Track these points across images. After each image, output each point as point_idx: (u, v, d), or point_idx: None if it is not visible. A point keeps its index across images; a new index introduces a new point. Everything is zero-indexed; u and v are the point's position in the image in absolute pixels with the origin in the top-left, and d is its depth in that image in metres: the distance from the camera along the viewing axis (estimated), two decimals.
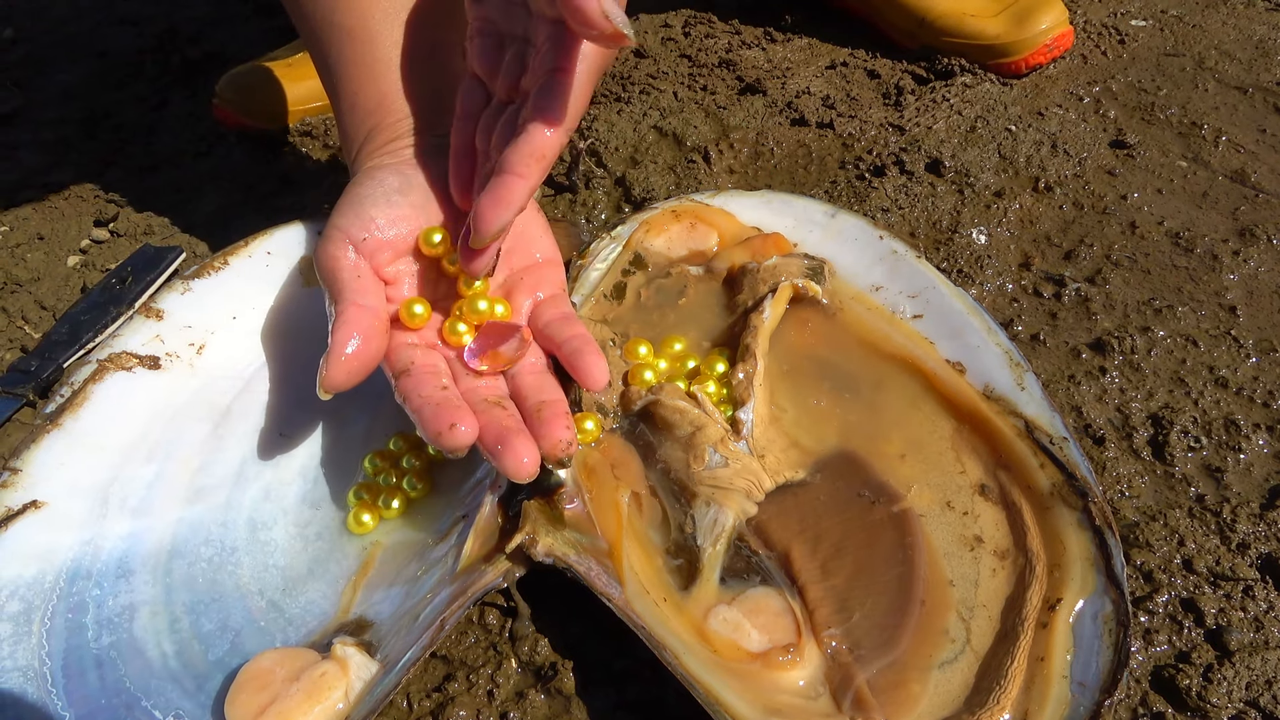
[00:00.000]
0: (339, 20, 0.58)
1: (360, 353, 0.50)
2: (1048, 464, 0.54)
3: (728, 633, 0.50)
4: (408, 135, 0.57)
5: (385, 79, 0.58)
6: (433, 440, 0.47)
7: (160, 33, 1.15)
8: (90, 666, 0.48)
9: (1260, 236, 0.77)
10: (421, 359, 0.52)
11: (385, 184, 0.55)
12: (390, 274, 0.54)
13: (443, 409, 0.48)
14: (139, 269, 0.77)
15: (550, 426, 0.48)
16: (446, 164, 0.55)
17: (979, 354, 0.60)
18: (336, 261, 0.52)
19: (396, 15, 0.58)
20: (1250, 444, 0.61)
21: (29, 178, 0.93)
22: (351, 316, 0.50)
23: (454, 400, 0.49)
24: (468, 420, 0.47)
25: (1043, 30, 0.94)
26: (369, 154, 0.57)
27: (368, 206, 0.54)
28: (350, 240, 0.53)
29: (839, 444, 0.58)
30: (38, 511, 0.51)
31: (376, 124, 0.58)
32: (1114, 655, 0.47)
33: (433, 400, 0.49)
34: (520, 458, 0.46)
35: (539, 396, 0.51)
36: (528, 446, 0.47)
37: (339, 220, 0.53)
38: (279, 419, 0.59)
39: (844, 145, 0.89)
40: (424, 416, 0.48)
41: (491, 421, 0.48)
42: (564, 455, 0.48)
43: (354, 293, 0.51)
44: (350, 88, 0.59)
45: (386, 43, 0.58)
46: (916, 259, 0.66)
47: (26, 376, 0.69)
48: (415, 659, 0.46)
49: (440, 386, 0.50)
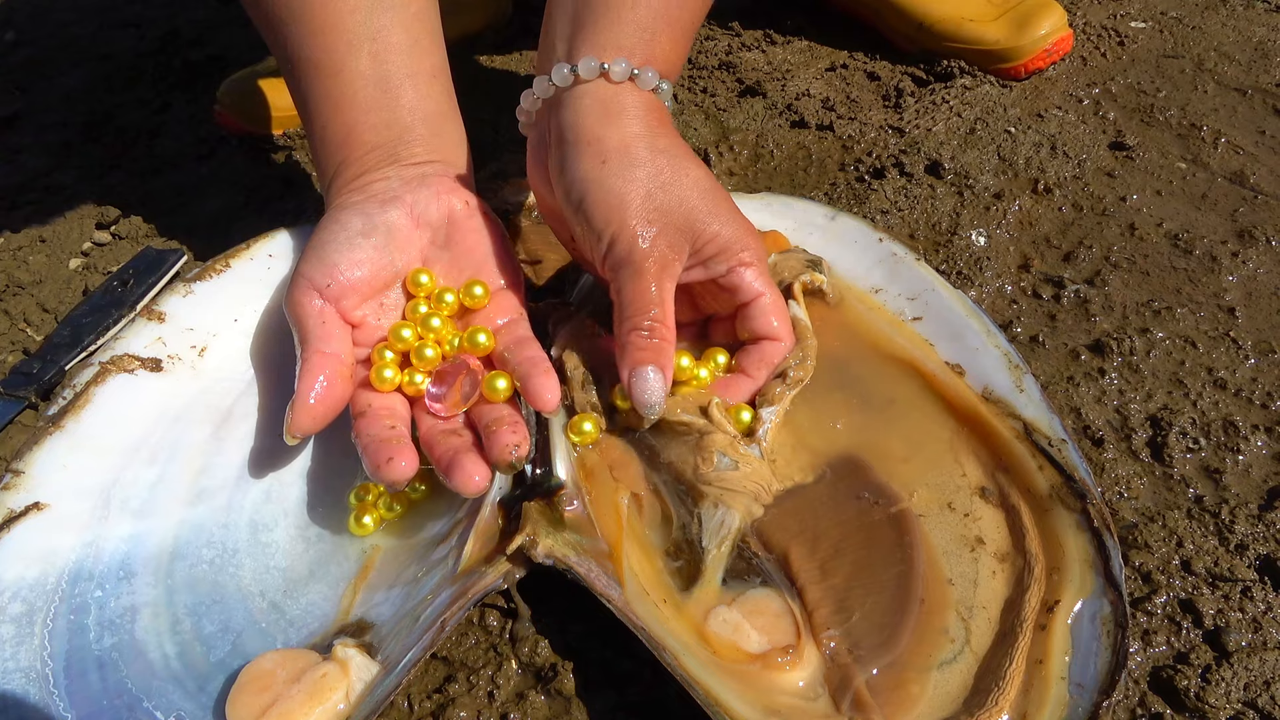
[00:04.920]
0: (306, 54, 0.58)
1: (324, 397, 0.52)
2: (1046, 466, 0.54)
3: (727, 634, 0.50)
4: (374, 169, 0.58)
5: (351, 112, 0.58)
6: (373, 475, 0.50)
7: (162, 36, 1.16)
8: (92, 668, 0.48)
9: (1259, 238, 0.77)
10: (380, 402, 0.54)
11: (348, 227, 0.56)
12: (357, 318, 0.56)
13: (383, 445, 0.50)
14: (141, 271, 0.77)
15: (496, 435, 0.50)
16: (414, 196, 0.57)
17: (978, 356, 0.60)
18: (301, 309, 0.54)
19: (362, 46, 0.58)
20: (1249, 445, 0.61)
21: (31, 180, 0.93)
22: (316, 364, 0.52)
23: (397, 437, 0.51)
24: (407, 455, 0.50)
25: (1042, 35, 0.94)
26: (338, 189, 0.59)
27: (330, 252, 0.55)
28: (314, 287, 0.54)
29: (845, 446, 0.58)
30: (40, 513, 0.51)
31: (345, 158, 0.58)
32: (1112, 656, 0.47)
33: (377, 438, 0.51)
34: (471, 476, 0.49)
35: (491, 415, 0.52)
36: (475, 464, 0.49)
37: (303, 267, 0.55)
38: (280, 421, 0.59)
39: (844, 147, 0.89)
40: (367, 453, 0.50)
41: (446, 449, 0.51)
42: (511, 458, 0.50)
43: (318, 340, 0.53)
44: (320, 121, 0.59)
45: (351, 75, 0.58)
46: (916, 261, 0.66)
47: (28, 379, 0.69)
48: (416, 660, 0.46)
49: (388, 426, 0.52)
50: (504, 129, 0.94)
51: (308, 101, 0.59)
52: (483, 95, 0.97)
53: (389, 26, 0.58)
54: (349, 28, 0.58)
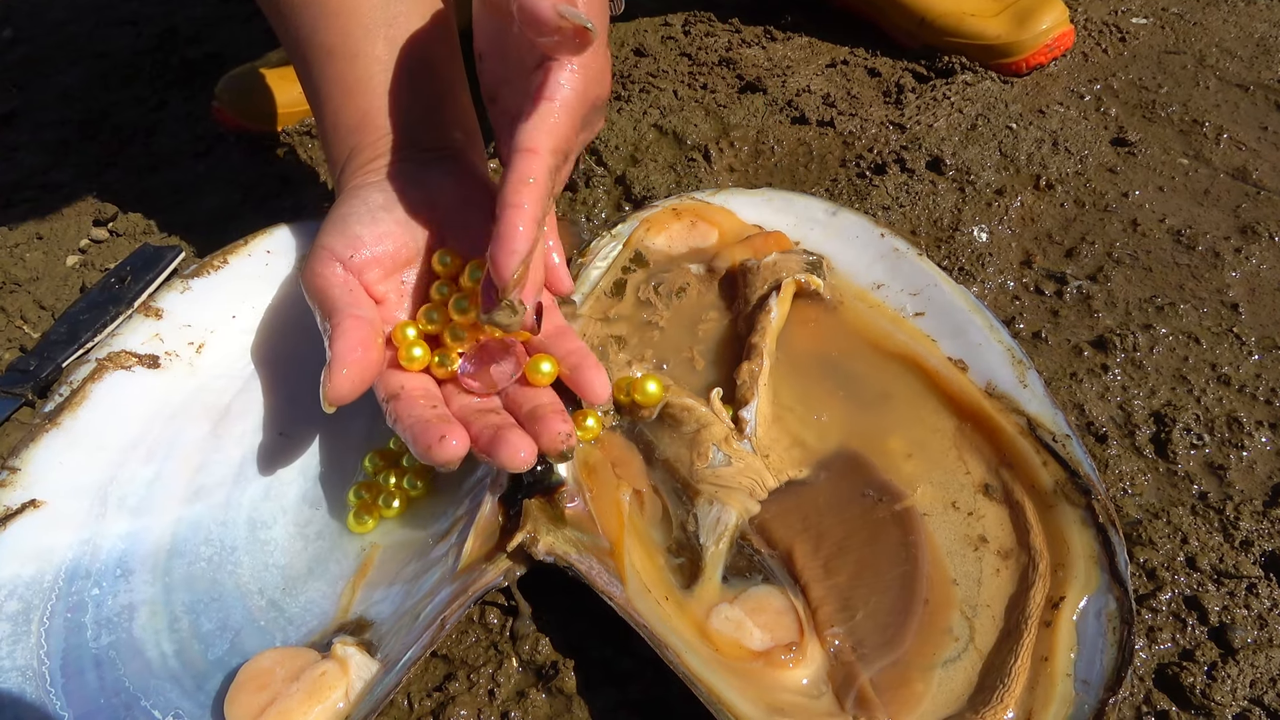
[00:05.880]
0: (320, 39, 0.58)
1: (362, 361, 0.49)
2: (1050, 462, 0.54)
3: (730, 631, 0.50)
4: (390, 153, 0.57)
5: (366, 97, 0.57)
6: (423, 456, 0.47)
7: (160, 33, 1.15)
8: (89, 666, 0.48)
9: (1262, 234, 0.77)
10: (412, 383, 0.52)
11: (370, 201, 0.54)
12: (380, 293, 0.54)
13: (432, 424, 0.48)
14: (138, 268, 0.77)
15: (547, 423, 0.48)
16: (430, 179, 0.55)
17: (981, 352, 0.60)
18: (325, 279, 0.52)
19: (378, 32, 0.57)
20: (1253, 441, 0.61)
21: (28, 178, 0.93)
22: (350, 327, 0.50)
23: (442, 416, 0.49)
24: (458, 434, 0.47)
25: (1043, 30, 0.94)
26: (352, 173, 0.57)
27: (353, 224, 0.53)
28: (337, 258, 0.53)
29: (842, 442, 0.58)
30: (36, 511, 0.51)
31: (359, 143, 0.57)
32: (1118, 653, 0.46)
33: (422, 419, 0.48)
34: (517, 450, 0.46)
35: (534, 402, 0.50)
36: (523, 440, 0.47)
37: (325, 239, 0.53)
38: (279, 418, 0.59)
39: (845, 143, 0.89)
40: (415, 434, 0.48)
41: (485, 427, 0.48)
42: (564, 447, 0.47)
43: (348, 305, 0.51)
44: (332, 106, 0.58)
45: (367, 60, 0.57)
46: (918, 257, 0.65)
47: (25, 376, 0.68)
48: (416, 658, 0.45)
49: (430, 407, 0.50)
50: None
51: (320, 87, 0.59)
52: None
53: (405, 13, 0.58)
54: (364, 13, 0.57)
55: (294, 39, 0.59)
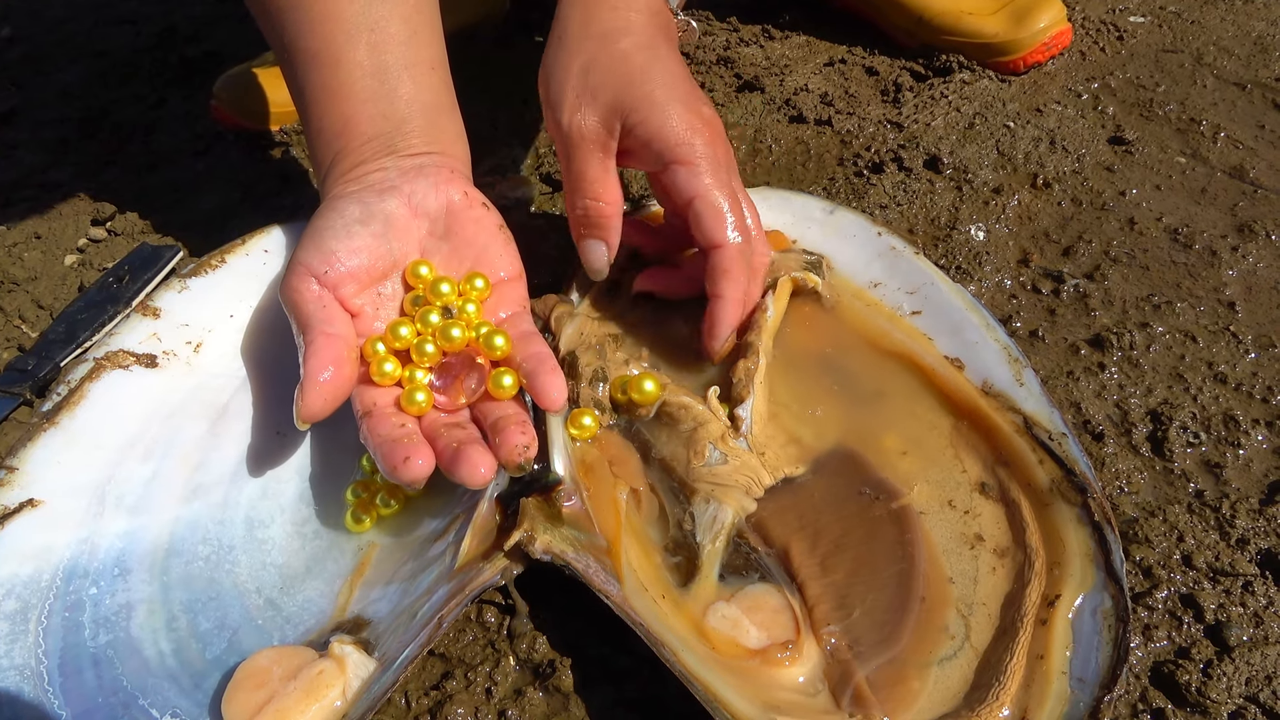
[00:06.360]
0: (304, 45, 0.58)
1: (335, 379, 0.51)
2: (1047, 460, 0.54)
3: (726, 629, 0.50)
4: (371, 160, 0.57)
5: (349, 103, 0.58)
6: (390, 475, 0.49)
7: (159, 32, 1.15)
8: (87, 665, 0.48)
9: (1259, 232, 0.77)
10: (384, 399, 0.53)
11: (346, 214, 0.55)
12: (356, 306, 0.55)
13: (399, 445, 0.49)
14: (136, 267, 0.77)
15: (506, 435, 0.50)
16: (410, 187, 0.56)
17: (978, 350, 0.60)
18: (300, 294, 0.53)
19: (360, 37, 0.58)
20: (1249, 439, 0.61)
21: (27, 177, 0.93)
22: (322, 345, 0.51)
23: (410, 436, 0.50)
24: (423, 453, 0.49)
25: (1041, 29, 0.94)
26: (335, 179, 0.58)
27: (327, 239, 0.54)
28: (312, 273, 0.53)
29: (838, 440, 0.58)
30: (34, 510, 0.51)
31: (341, 148, 0.58)
32: (1113, 651, 0.46)
33: (389, 438, 0.50)
34: (476, 467, 0.48)
35: (497, 414, 0.52)
36: (483, 456, 0.48)
37: (300, 254, 0.54)
38: (276, 417, 0.59)
39: (842, 142, 0.89)
40: (382, 454, 0.49)
41: (449, 443, 0.50)
42: (520, 459, 0.49)
43: (321, 322, 0.52)
44: (316, 112, 0.59)
45: (349, 65, 0.57)
46: (915, 255, 0.65)
47: (23, 375, 0.68)
48: (413, 657, 0.45)
49: (399, 425, 0.51)
50: (501, 123, 0.93)
51: (304, 92, 0.59)
52: (480, 90, 0.97)
53: (387, 18, 0.58)
54: (347, 18, 0.57)
55: (280, 44, 0.60)
